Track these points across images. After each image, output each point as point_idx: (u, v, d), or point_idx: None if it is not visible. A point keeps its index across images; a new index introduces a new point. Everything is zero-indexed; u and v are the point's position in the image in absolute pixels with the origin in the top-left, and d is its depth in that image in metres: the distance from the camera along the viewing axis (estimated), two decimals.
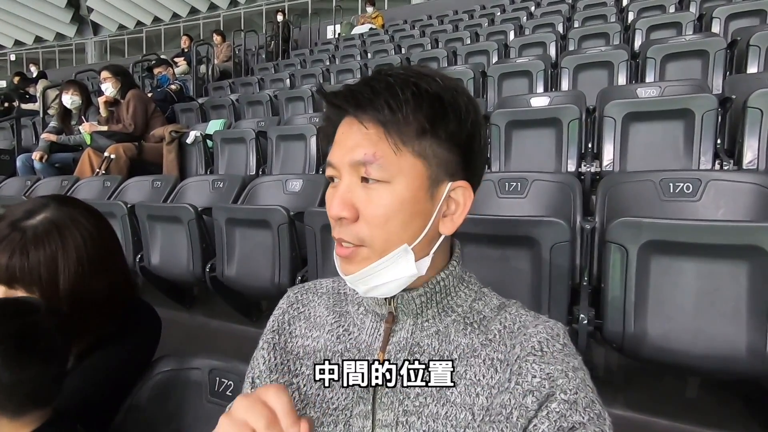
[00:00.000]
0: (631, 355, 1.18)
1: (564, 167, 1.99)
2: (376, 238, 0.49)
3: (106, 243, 0.82)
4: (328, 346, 0.57)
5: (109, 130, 3.29)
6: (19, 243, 0.73)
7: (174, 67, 5.54)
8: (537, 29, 4.26)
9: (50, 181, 3.01)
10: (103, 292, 0.79)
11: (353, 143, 0.49)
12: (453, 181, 0.52)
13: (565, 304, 1.22)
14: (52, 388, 0.65)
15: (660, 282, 1.12)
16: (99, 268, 0.79)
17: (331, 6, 9.55)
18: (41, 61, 13.61)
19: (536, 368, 0.48)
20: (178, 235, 1.93)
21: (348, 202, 0.49)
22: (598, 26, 3.70)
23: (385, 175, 0.49)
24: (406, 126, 0.48)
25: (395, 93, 0.48)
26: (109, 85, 3.34)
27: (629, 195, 1.39)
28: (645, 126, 1.89)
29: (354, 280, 0.52)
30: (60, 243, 0.75)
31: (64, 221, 0.77)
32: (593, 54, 2.85)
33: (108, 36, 14.11)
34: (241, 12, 12.08)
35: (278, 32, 7.87)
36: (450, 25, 5.82)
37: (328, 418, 0.53)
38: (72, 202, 0.83)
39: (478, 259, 1.31)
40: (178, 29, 11.94)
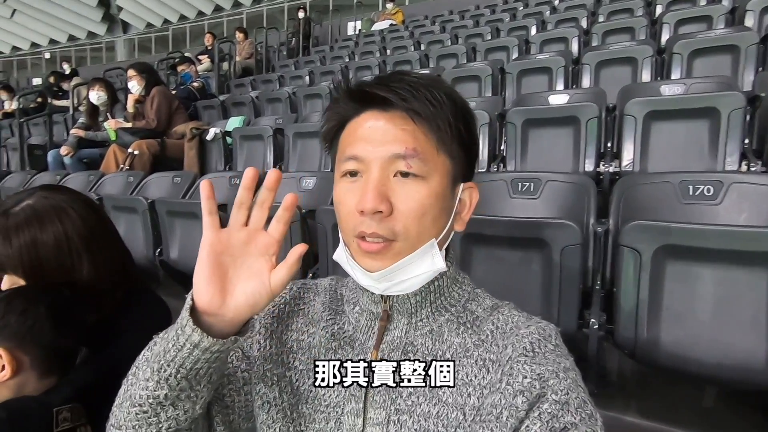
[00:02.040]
0: (644, 362, 1.15)
1: (582, 167, 1.94)
2: (411, 232, 0.50)
3: (95, 233, 0.85)
4: (322, 343, 0.58)
5: (134, 126, 3.38)
6: (3, 229, 0.77)
7: (197, 64, 5.66)
8: (560, 24, 4.17)
9: (78, 176, 3.13)
10: (92, 280, 0.83)
11: (392, 137, 0.50)
12: (464, 182, 0.56)
13: (575, 307, 1.20)
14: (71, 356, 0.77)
15: (675, 288, 1.09)
16: (85, 257, 0.82)
17: (352, 2, 9.55)
18: (74, 59, 14.09)
19: (527, 369, 0.49)
20: (195, 230, 1.98)
21: (384, 196, 0.49)
22: (623, 20, 3.59)
23: (423, 170, 0.50)
24: (448, 126, 0.51)
25: (433, 92, 0.50)
26: (134, 82, 3.44)
27: (646, 197, 1.35)
28: (668, 125, 1.83)
29: (381, 277, 0.51)
30: (38, 228, 0.79)
31: (45, 208, 0.81)
32: (616, 50, 2.76)
33: (136, 34, 14.49)
34: (263, 9, 12.21)
35: (299, 29, 7.93)
36: (471, 21, 5.75)
37: (320, 414, 0.54)
38: (59, 190, 0.88)
39: (488, 260, 1.30)
40: (203, 27, 12.16)
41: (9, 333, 0.71)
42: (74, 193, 0.89)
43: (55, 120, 5.12)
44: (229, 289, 0.48)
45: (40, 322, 0.72)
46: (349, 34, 8.39)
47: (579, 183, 1.45)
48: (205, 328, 0.46)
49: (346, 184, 0.52)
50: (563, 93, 2.40)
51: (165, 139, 3.41)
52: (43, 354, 0.73)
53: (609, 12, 4.09)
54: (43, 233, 0.79)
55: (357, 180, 0.51)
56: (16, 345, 0.71)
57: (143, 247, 2.19)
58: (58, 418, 0.69)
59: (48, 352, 0.73)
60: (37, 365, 0.73)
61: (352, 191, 0.51)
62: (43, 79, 8.56)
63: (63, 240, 0.80)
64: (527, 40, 3.83)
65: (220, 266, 0.48)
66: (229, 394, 0.56)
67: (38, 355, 0.73)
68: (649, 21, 3.38)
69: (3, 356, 0.70)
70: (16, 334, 0.71)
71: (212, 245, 0.48)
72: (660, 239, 1.07)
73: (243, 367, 0.58)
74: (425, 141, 0.50)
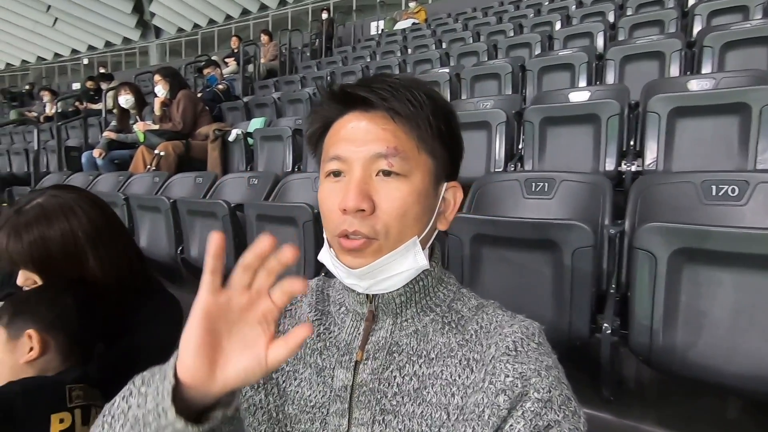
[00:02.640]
0: (659, 369, 1.10)
1: (602, 166, 1.88)
2: (392, 230, 0.51)
3: (101, 231, 0.89)
4: (308, 344, 0.58)
5: (161, 128, 3.50)
6: (14, 226, 0.82)
7: (222, 67, 5.80)
8: (585, 18, 4.04)
9: (108, 177, 3.26)
10: (98, 276, 0.86)
11: (372, 137, 0.51)
12: (448, 181, 0.56)
13: (587, 311, 1.17)
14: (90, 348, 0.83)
15: (692, 293, 1.04)
16: (90, 254, 0.86)
17: (375, 3, 9.56)
18: (109, 64, 14.70)
19: (509, 368, 0.49)
20: (214, 229, 2.03)
21: (366, 194, 0.50)
22: (652, 13, 3.44)
23: (405, 169, 0.51)
24: (428, 125, 0.51)
25: (413, 92, 0.51)
26: (160, 86, 3.56)
27: (665, 198, 1.29)
28: (694, 122, 1.75)
29: (362, 274, 0.51)
30: (46, 226, 0.83)
31: (54, 207, 0.85)
32: (642, 44, 2.66)
33: (168, 39, 14.99)
34: (288, 12, 12.40)
35: (322, 30, 8.01)
36: (493, 18, 5.66)
37: (305, 415, 0.55)
38: (68, 189, 0.92)
39: (498, 262, 1.28)
40: (231, 30, 12.45)
41: (39, 317, 0.77)
42: (82, 192, 0.93)
43: (90, 123, 5.36)
44: (220, 362, 0.41)
45: (67, 310, 0.79)
46: (372, 34, 8.41)
47: (594, 183, 1.40)
48: (185, 398, 0.41)
49: (329, 184, 0.53)
50: (584, 90, 2.33)
51: (190, 141, 3.52)
52: (68, 340, 0.79)
53: (638, 5, 3.95)
54: (50, 230, 0.83)
55: (340, 180, 0.52)
56: (45, 329, 0.77)
57: (166, 245, 2.27)
58: (71, 395, 0.73)
59: (71, 340, 0.79)
60: (61, 350, 0.78)
61: (335, 191, 0.52)
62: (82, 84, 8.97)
63: (69, 237, 0.84)
64: (550, 36, 3.73)
65: (213, 334, 0.41)
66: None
67: (63, 340, 0.79)
68: (679, 13, 3.23)
69: (33, 337, 0.76)
70: (45, 318, 0.77)
71: (208, 309, 0.41)
72: (676, 242, 1.03)
73: None
74: (406, 140, 0.51)
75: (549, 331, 1.23)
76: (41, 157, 4.76)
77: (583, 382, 1.32)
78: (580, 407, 0.48)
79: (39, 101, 8.20)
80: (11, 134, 6.80)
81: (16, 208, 0.87)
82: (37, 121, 6.51)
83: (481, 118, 2.20)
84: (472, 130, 2.23)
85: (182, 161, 3.41)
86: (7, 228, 0.85)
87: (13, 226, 0.85)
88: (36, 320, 0.77)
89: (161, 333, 0.99)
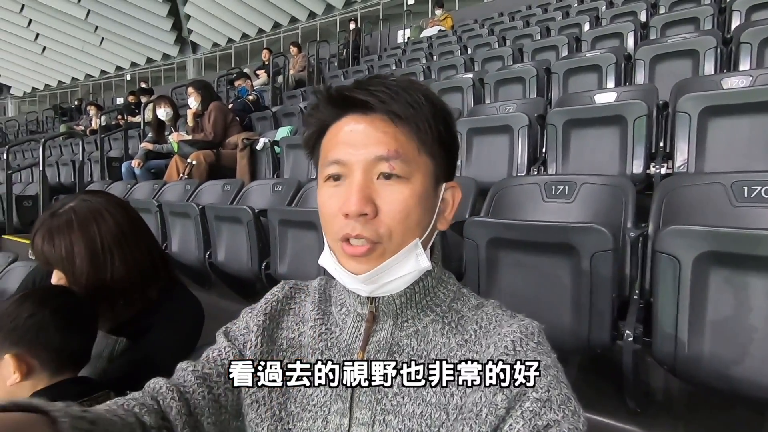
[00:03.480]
0: (685, 379, 1.05)
1: (629, 169, 1.82)
2: (395, 233, 0.51)
3: (126, 233, 0.94)
4: (309, 343, 0.59)
5: (193, 138, 3.66)
6: (48, 229, 0.88)
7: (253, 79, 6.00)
8: (615, 19, 3.93)
9: (144, 185, 3.43)
10: (123, 276, 0.91)
11: (373, 140, 0.50)
12: (446, 182, 0.56)
13: (608, 318, 1.12)
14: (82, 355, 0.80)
15: (721, 299, 0.98)
16: (117, 255, 0.91)
17: (402, 11, 9.65)
18: (150, 79, 15.50)
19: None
20: (239, 234, 2.10)
21: (368, 198, 0.49)
22: (687, 10, 3.31)
23: (407, 171, 0.51)
24: (428, 126, 0.51)
25: (412, 94, 0.51)
26: (192, 98, 3.72)
27: (692, 200, 1.23)
28: (728, 121, 1.66)
29: (366, 279, 0.51)
30: (77, 231, 0.88)
31: (84, 211, 0.91)
32: (674, 42, 2.56)
33: (204, 54, 15.66)
34: (317, 23, 12.70)
35: (350, 40, 8.15)
36: (520, 22, 5.59)
37: (307, 413, 0.55)
38: (98, 195, 0.98)
39: (515, 267, 1.26)
40: (262, 43, 12.87)
41: (18, 338, 0.75)
42: (111, 197, 0.99)
43: (131, 135, 5.65)
44: None
45: (46, 326, 0.75)
46: (398, 43, 8.49)
47: (617, 185, 1.36)
48: None
49: (329, 188, 0.53)
50: (611, 91, 2.26)
51: (220, 150, 3.65)
52: (52, 356, 0.76)
53: (671, 2, 3.80)
54: (80, 233, 0.89)
55: (340, 184, 0.52)
56: (26, 350, 0.75)
57: (196, 249, 2.36)
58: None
59: (56, 354, 0.77)
60: (47, 366, 0.76)
61: (335, 195, 0.52)
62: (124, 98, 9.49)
63: (96, 239, 0.90)
64: (578, 38, 3.65)
65: None
66: (224, 393, 0.57)
67: (47, 357, 0.76)
68: (716, 9, 3.09)
69: (11, 363, 0.74)
70: (24, 338, 0.75)
71: None
72: (701, 245, 0.98)
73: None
74: (406, 142, 0.51)
75: (568, 338, 1.20)
76: (86, 167, 5.06)
77: (607, 393, 1.27)
78: (580, 407, 0.47)
79: (86, 115, 8.73)
80: (60, 146, 7.28)
81: (51, 212, 0.94)
82: (84, 133, 6.93)
83: (502, 122, 2.18)
84: (493, 135, 2.21)
85: (213, 169, 3.54)
86: (42, 230, 0.92)
87: (47, 228, 0.92)
88: (13, 341, 0.75)
89: (181, 331, 1.03)
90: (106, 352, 0.92)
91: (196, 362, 0.59)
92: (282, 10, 13.10)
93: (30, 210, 4.27)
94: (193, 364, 0.59)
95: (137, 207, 2.58)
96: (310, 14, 12.87)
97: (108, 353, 0.92)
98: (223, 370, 0.58)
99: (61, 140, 7.41)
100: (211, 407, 0.55)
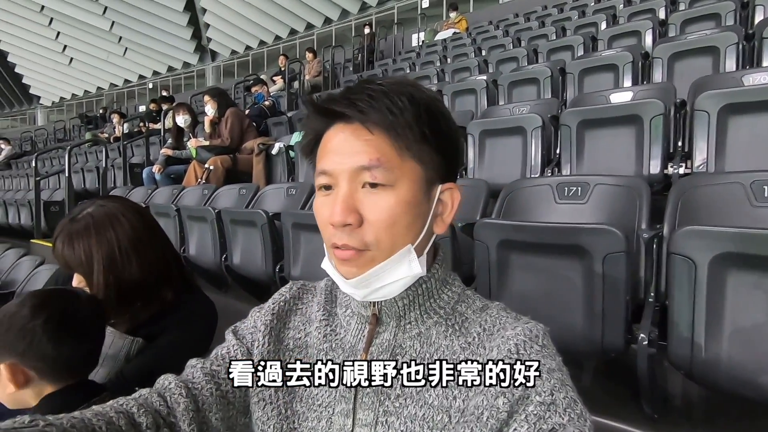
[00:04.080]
0: (703, 384, 1.02)
1: (645, 170, 1.78)
2: (383, 241, 0.51)
3: (142, 237, 0.97)
4: (315, 344, 0.60)
5: (211, 144, 3.74)
6: (68, 234, 0.91)
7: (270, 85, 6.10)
8: (633, 17, 3.86)
9: (164, 190, 3.52)
10: (139, 278, 0.94)
11: (356, 149, 0.51)
12: (443, 183, 0.55)
13: (621, 321, 1.10)
14: (85, 361, 0.80)
15: (739, 302, 0.95)
16: (133, 258, 0.94)
17: (416, 15, 9.67)
18: (171, 87, 15.92)
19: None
20: (254, 237, 2.13)
21: (352, 208, 0.50)
22: (707, 6, 3.22)
23: (390, 179, 0.50)
24: (409, 131, 0.50)
25: (393, 99, 0.50)
26: (209, 106, 3.81)
27: (709, 200, 1.20)
28: (749, 119, 1.61)
29: (357, 284, 0.52)
30: (95, 235, 0.91)
31: (101, 217, 0.94)
32: (693, 39, 2.49)
33: (222, 61, 16.00)
34: (333, 29, 12.83)
35: (364, 44, 8.21)
36: (536, 22, 5.54)
37: (312, 413, 0.56)
38: (114, 200, 1.01)
39: (526, 269, 1.24)
40: (279, 50, 13.06)
41: (9, 349, 0.74)
42: (126, 202, 1.03)
43: (152, 141, 5.81)
44: None
45: (38, 337, 0.74)
46: (413, 46, 8.50)
47: (631, 186, 1.33)
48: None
49: (321, 197, 0.54)
50: (627, 90, 2.22)
51: (237, 155, 3.72)
52: (47, 365, 0.75)
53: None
54: (98, 237, 0.93)
55: (330, 193, 0.53)
56: (20, 361, 0.75)
57: (212, 253, 2.41)
58: None
59: (51, 364, 0.76)
60: (46, 375, 0.76)
61: (326, 204, 0.53)
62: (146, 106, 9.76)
63: (114, 243, 0.94)
64: (594, 37, 3.60)
65: None
66: (231, 390, 0.58)
67: (42, 368, 0.76)
68: (738, 4, 3.00)
69: (3, 373, 0.74)
70: (16, 349, 0.74)
71: None
72: (717, 246, 0.95)
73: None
74: (389, 150, 0.50)
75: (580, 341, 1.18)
76: (109, 173, 5.22)
77: (622, 398, 1.25)
78: (587, 410, 0.47)
79: (110, 123, 9.01)
80: (86, 153, 7.53)
81: (70, 217, 0.98)
82: (108, 141, 7.16)
83: (515, 124, 2.16)
84: (506, 136, 2.20)
85: (230, 174, 3.60)
86: (62, 235, 0.96)
87: (67, 233, 0.95)
88: (7, 350, 0.74)
89: (195, 332, 1.05)
90: (123, 353, 0.95)
91: (205, 359, 0.60)
92: (298, 17, 13.29)
93: (57, 215, 4.43)
94: (202, 361, 0.60)
95: (157, 211, 2.67)
96: (326, 20, 13.02)
97: (125, 354, 0.95)
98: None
99: (86, 147, 7.67)
100: (219, 404, 0.56)
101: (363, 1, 11.98)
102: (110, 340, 0.92)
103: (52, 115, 20.09)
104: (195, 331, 1.05)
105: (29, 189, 5.37)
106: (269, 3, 13.08)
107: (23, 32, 17.07)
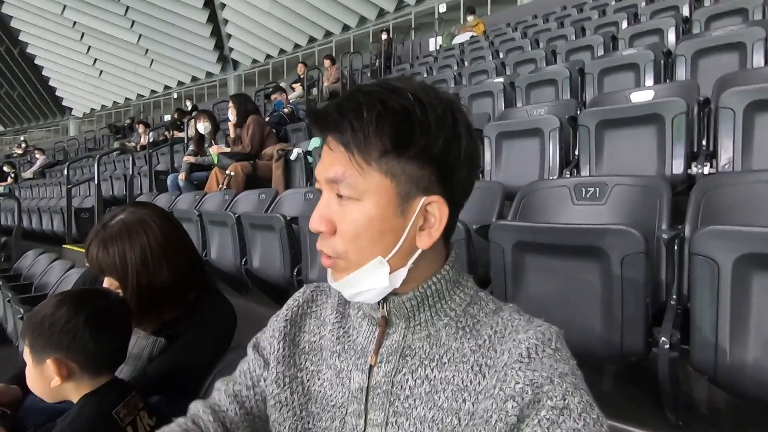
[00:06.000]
0: (728, 390, 0.99)
1: (668, 170, 1.73)
2: (349, 252, 0.52)
3: (171, 241, 1.00)
4: (329, 346, 0.62)
5: (232, 151, 3.82)
6: (102, 240, 0.95)
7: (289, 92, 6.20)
8: (655, 15, 3.77)
9: (187, 196, 3.62)
10: (168, 281, 0.97)
11: (329, 161, 0.53)
12: (427, 196, 0.52)
13: (642, 324, 1.08)
14: (118, 356, 0.86)
15: (765, 304, 0.92)
16: (163, 262, 0.97)
17: (434, 19, 9.69)
18: (194, 96, 16.36)
19: (520, 375, 0.48)
20: (273, 241, 2.17)
21: (325, 217, 0.53)
22: (734, 1, 3.12)
23: (354, 193, 0.51)
24: (369, 147, 0.49)
25: (360, 114, 0.49)
26: (230, 111, 3.90)
27: (733, 200, 1.16)
28: None
29: (340, 287, 0.56)
30: (128, 240, 0.95)
31: (133, 223, 0.98)
32: (718, 36, 2.42)
33: (243, 70, 16.38)
34: (351, 36, 12.97)
35: (382, 50, 8.27)
36: (554, 23, 5.47)
37: (327, 413, 0.58)
38: (143, 206, 1.05)
39: (543, 272, 1.23)
40: (298, 58, 13.28)
41: (55, 343, 0.80)
42: (155, 208, 1.07)
43: (176, 149, 5.98)
44: None
45: (81, 332, 0.80)
46: (430, 51, 8.51)
47: (651, 186, 1.30)
48: None
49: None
50: (648, 89, 2.17)
51: (257, 161, 3.79)
52: (88, 360, 0.82)
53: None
54: (131, 241, 0.97)
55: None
56: (64, 355, 0.81)
57: (232, 257, 2.46)
58: (120, 417, 0.80)
59: (92, 358, 0.82)
60: (86, 368, 0.82)
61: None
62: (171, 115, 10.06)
63: (146, 248, 0.97)
64: (614, 36, 3.53)
65: None
66: (255, 404, 0.63)
67: (84, 361, 0.82)
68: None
69: (52, 367, 0.80)
70: (61, 344, 0.80)
71: None
72: (741, 247, 0.92)
73: (264, 375, 0.64)
74: (355, 164, 0.50)
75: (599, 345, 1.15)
76: (136, 180, 5.40)
77: (645, 404, 1.21)
78: (603, 415, 0.46)
79: (136, 133, 9.32)
80: (114, 162, 7.81)
81: (102, 223, 1.02)
82: (134, 149, 7.40)
83: (532, 126, 2.14)
84: (524, 138, 2.18)
85: (250, 180, 3.68)
86: (96, 240, 1.00)
87: (101, 239, 0.99)
88: (53, 346, 0.80)
89: (214, 333, 1.08)
90: (146, 352, 0.99)
91: (229, 380, 0.66)
92: (317, 25, 13.51)
93: (87, 221, 4.61)
94: (225, 382, 0.66)
95: (180, 216, 2.74)
96: (344, 27, 13.18)
97: (147, 353, 0.99)
98: (251, 383, 0.64)
99: (114, 156, 7.95)
100: (244, 421, 0.62)
101: (380, 7, 12.09)
102: (134, 340, 0.96)
103: (83, 126, 20.91)
104: (215, 332, 1.08)
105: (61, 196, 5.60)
106: (288, 12, 13.35)
107: (56, 47, 17.97)
